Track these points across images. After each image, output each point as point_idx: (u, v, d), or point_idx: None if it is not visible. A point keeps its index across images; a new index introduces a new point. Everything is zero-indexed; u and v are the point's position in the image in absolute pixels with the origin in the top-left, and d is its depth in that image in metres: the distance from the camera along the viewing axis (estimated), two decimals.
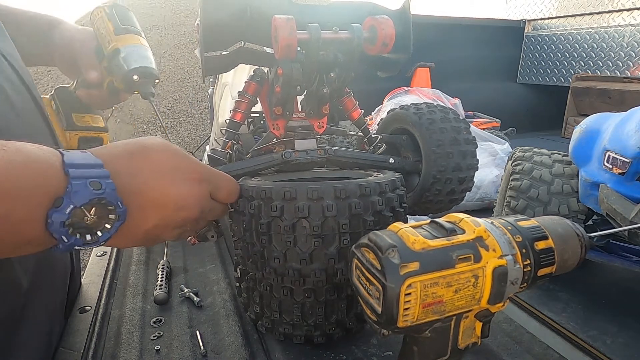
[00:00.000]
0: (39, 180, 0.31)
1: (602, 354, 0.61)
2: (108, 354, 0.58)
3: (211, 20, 0.50)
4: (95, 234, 0.34)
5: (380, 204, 0.49)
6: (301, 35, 0.46)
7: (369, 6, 0.55)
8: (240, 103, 0.60)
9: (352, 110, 0.63)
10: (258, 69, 0.60)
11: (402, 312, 0.32)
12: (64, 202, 0.32)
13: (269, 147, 0.59)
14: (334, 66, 0.50)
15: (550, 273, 0.39)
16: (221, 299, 0.71)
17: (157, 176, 0.39)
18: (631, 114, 0.76)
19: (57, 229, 0.32)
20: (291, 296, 0.53)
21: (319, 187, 0.47)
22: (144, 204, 0.38)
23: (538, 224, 0.39)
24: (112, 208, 0.35)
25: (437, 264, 0.33)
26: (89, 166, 0.34)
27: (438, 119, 0.64)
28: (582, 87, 2.21)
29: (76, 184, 0.32)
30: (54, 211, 0.31)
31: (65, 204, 0.32)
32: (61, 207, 0.31)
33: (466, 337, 0.38)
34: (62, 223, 0.32)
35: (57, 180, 0.32)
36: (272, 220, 0.48)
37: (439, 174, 0.63)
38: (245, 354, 0.57)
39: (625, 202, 0.67)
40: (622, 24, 2.15)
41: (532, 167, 0.85)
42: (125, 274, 0.81)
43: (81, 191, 0.32)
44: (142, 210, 0.38)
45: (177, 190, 0.40)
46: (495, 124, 1.99)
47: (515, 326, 0.64)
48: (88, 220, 0.33)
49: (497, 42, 2.57)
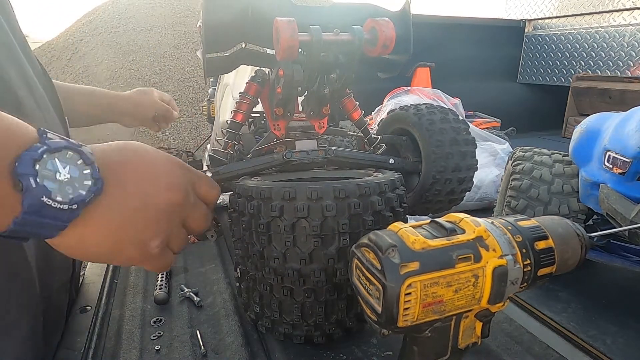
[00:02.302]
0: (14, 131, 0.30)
1: (602, 354, 0.61)
2: (108, 354, 0.58)
3: (213, 21, 0.50)
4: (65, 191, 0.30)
5: (379, 204, 0.49)
6: (302, 37, 0.46)
7: (369, 8, 0.55)
8: (241, 104, 0.60)
9: (352, 111, 0.64)
10: (259, 70, 0.60)
11: (402, 312, 0.32)
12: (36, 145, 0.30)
13: (270, 148, 0.59)
14: (335, 67, 0.50)
15: (550, 273, 0.39)
16: (221, 299, 0.71)
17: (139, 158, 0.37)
18: (631, 114, 0.76)
19: (26, 167, 0.29)
20: (291, 296, 0.53)
21: (319, 187, 0.47)
22: (125, 179, 0.35)
23: (538, 223, 0.39)
24: (88, 172, 0.31)
25: (437, 264, 0.33)
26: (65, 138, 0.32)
27: (438, 120, 0.65)
28: (583, 87, 2.21)
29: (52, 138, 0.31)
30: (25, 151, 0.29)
31: (37, 147, 0.30)
32: (32, 147, 0.29)
33: (466, 337, 0.38)
34: (33, 161, 0.29)
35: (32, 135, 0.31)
36: (271, 220, 0.48)
37: (438, 174, 0.63)
38: (245, 354, 0.57)
39: (625, 202, 0.67)
40: (623, 23, 2.15)
41: (533, 167, 0.86)
42: (126, 274, 0.81)
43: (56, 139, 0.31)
44: (122, 186, 0.34)
45: (161, 169, 0.38)
46: (495, 123, 1.99)
47: (515, 326, 0.64)
48: (60, 176, 0.30)
49: (497, 42, 2.57)
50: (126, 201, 0.35)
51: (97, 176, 0.32)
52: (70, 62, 4.90)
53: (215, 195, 0.46)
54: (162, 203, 0.37)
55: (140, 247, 0.37)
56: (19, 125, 0.31)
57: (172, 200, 0.38)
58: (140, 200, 0.36)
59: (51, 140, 0.31)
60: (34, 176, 0.29)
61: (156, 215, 0.37)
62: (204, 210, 0.44)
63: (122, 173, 0.35)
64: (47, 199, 0.29)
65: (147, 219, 0.36)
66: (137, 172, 0.36)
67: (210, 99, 1.69)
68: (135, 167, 0.37)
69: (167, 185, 0.38)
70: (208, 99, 1.73)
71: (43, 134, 0.31)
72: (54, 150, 0.30)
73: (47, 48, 5.26)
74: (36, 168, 0.29)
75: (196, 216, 0.42)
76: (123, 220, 0.35)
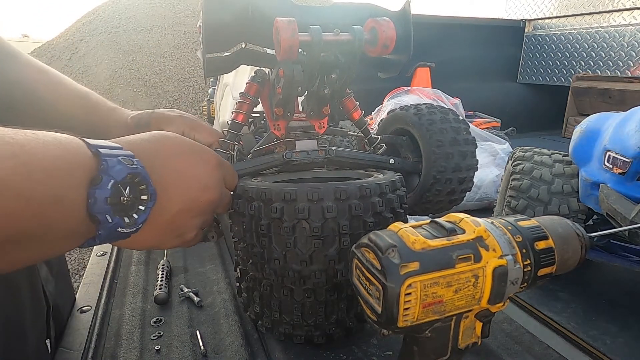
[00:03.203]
0: (75, 158, 0.30)
1: (602, 354, 0.61)
2: (108, 354, 0.59)
3: (213, 21, 0.50)
4: (132, 216, 0.33)
5: (380, 205, 0.49)
6: (303, 37, 0.46)
7: (369, 8, 0.55)
8: (241, 104, 0.60)
9: (352, 111, 0.64)
10: (259, 70, 0.60)
11: (402, 312, 0.32)
12: (104, 179, 0.30)
13: (270, 148, 0.59)
14: (335, 67, 0.50)
15: (550, 273, 0.39)
16: (221, 299, 0.71)
17: (177, 159, 0.39)
18: (631, 114, 0.76)
19: (102, 207, 0.30)
20: (291, 296, 0.53)
21: (319, 189, 0.47)
22: (168, 185, 0.37)
23: (538, 223, 0.39)
24: (144, 187, 0.34)
25: (437, 264, 0.33)
26: (112, 148, 0.33)
27: (438, 120, 0.65)
28: (583, 86, 2.21)
29: (110, 160, 0.31)
30: (95, 188, 0.30)
31: (105, 180, 0.30)
32: (101, 183, 0.30)
33: (466, 337, 0.38)
34: (106, 199, 0.30)
35: (90, 159, 0.31)
36: (272, 221, 0.48)
37: (438, 174, 0.63)
38: (245, 354, 0.57)
39: (625, 202, 0.67)
40: (623, 23, 2.15)
41: (533, 167, 0.86)
42: (126, 274, 0.81)
43: (117, 166, 0.31)
44: (166, 192, 0.37)
45: (198, 171, 0.40)
46: (495, 123, 1.99)
47: (515, 326, 0.64)
48: (124, 199, 0.32)
49: (497, 42, 2.57)
50: (170, 205, 0.38)
51: (152, 191, 0.35)
52: (70, 62, 4.90)
53: (236, 182, 0.50)
54: (201, 204, 0.41)
55: (180, 239, 0.42)
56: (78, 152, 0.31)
57: (209, 199, 0.42)
58: (183, 203, 0.39)
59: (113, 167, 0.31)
60: (109, 213, 0.31)
61: (194, 214, 0.41)
62: (229, 196, 0.49)
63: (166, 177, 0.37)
64: (120, 228, 0.32)
65: (188, 219, 0.40)
66: (178, 173, 0.39)
67: (210, 99, 1.70)
68: (176, 167, 0.39)
69: (205, 186, 0.41)
70: (208, 99, 1.73)
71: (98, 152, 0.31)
72: (120, 181, 0.32)
73: (47, 48, 5.26)
74: (108, 203, 0.31)
75: (223, 203, 0.47)
76: (167, 222, 0.38)
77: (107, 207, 0.31)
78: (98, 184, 0.30)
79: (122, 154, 0.33)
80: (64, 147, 0.30)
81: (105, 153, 0.32)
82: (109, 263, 0.84)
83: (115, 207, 0.32)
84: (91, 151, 0.31)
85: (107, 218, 0.31)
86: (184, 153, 0.40)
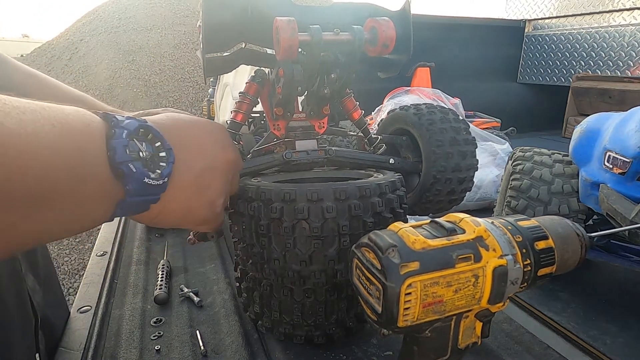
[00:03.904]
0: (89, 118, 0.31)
1: (602, 354, 0.61)
2: (108, 354, 0.59)
3: (213, 21, 0.50)
4: (156, 171, 0.33)
5: (380, 205, 0.49)
6: (302, 36, 0.46)
7: (369, 8, 0.55)
8: (241, 104, 0.60)
9: (352, 111, 0.64)
10: (259, 69, 0.60)
11: (402, 312, 0.32)
12: (117, 131, 0.31)
13: (270, 148, 0.60)
14: (335, 67, 0.50)
15: (550, 273, 0.39)
16: (221, 299, 0.71)
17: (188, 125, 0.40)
18: (631, 114, 0.76)
19: (123, 156, 0.30)
20: (291, 296, 0.53)
21: (319, 189, 0.47)
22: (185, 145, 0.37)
23: (538, 223, 0.39)
24: (159, 145, 0.34)
25: (437, 264, 0.33)
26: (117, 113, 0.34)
27: (438, 120, 0.65)
28: (583, 87, 2.21)
29: (119, 116, 0.32)
30: (112, 139, 0.30)
31: (119, 132, 0.31)
32: (116, 134, 0.31)
33: (466, 337, 0.38)
34: (124, 148, 0.30)
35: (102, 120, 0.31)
36: (271, 221, 0.48)
37: (438, 174, 0.63)
38: (245, 354, 0.57)
39: (625, 202, 0.67)
40: (623, 23, 2.16)
41: (533, 167, 0.86)
42: (126, 274, 0.81)
43: (126, 121, 0.32)
44: (185, 151, 0.37)
45: (211, 135, 0.41)
46: (495, 123, 1.99)
47: (515, 326, 0.64)
48: (143, 154, 0.32)
49: (497, 42, 2.57)
50: (194, 163, 0.38)
51: (168, 147, 0.34)
52: (70, 62, 4.90)
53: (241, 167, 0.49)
54: (223, 162, 0.41)
55: (209, 207, 0.40)
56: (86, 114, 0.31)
57: (230, 158, 0.42)
58: (205, 161, 0.39)
59: (123, 122, 0.32)
60: (132, 161, 0.31)
61: (220, 174, 0.40)
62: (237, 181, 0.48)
63: (184, 139, 0.37)
64: (147, 179, 0.32)
65: (213, 178, 0.40)
66: (195, 137, 0.39)
67: (210, 99, 1.70)
68: (191, 133, 0.39)
69: (223, 146, 0.41)
70: (208, 99, 1.73)
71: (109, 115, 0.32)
72: (133, 132, 0.32)
73: (47, 48, 5.27)
74: (128, 153, 0.31)
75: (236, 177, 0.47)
76: (194, 183, 0.38)
77: (127, 155, 0.31)
78: (113, 135, 0.31)
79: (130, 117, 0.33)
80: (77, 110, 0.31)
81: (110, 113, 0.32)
82: (109, 263, 0.84)
83: (137, 159, 0.31)
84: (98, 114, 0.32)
85: (131, 167, 0.31)
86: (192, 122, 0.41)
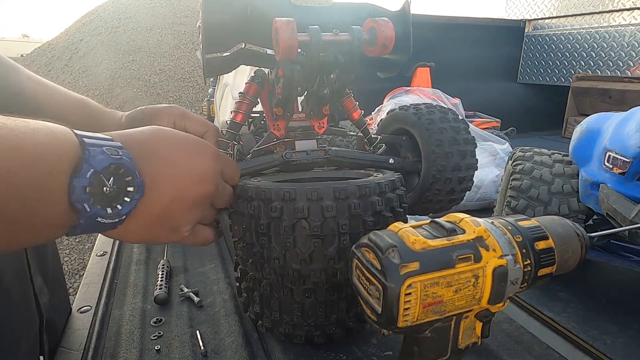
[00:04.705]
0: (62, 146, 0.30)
1: (602, 354, 0.61)
2: (108, 354, 0.59)
3: (212, 21, 0.50)
4: (115, 207, 0.33)
5: (379, 205, 0.49)
6: (302, 37, 0.46)
7: (369, 8, 0.55)
8: (241, 104, 0.60)
9: (352, 111, 0.64)
10: (259, 70, 0.60)
11: (402, 312, 0.32)
12: (84, 167, 0.31)
13: (270, 148, 0.60)
14: (335, 67, 0.50)
15: (550, 273, 0.39)
16: (221, 299, 0.71)
17: (170, 150, 0.39)
18: (631, 114, 0.76)
19: (80, 196, 0.30)
20: (291, 296, 0.53)
21: (318, 188, 0.47)
22: (159, 176, 0.37)
23: (538, 224, 0.39)
24: (130, 179, 0.34)
25: (437, 264, 0.33)
26: (101, 139, 0.33)
27: (437, 119, 0.65)
28: (583, 87, 2.21)
29: (93, 149, 0.32)
30: (75, 177, 0.30)
31: (85, 169, 0.31)
32: (81, 172, 0.31)
33: (466, 337, 0.38)
34: (84, 188, 0.31)
35: (75, 148, 0.31)
36: (271, 221, 0.48)
37: (438, 173, 0.63)
38: (245, 354, 0.57)
39: (625, 202, 0.67)
40: (623, 23, 2.16)
41: (533, 167, 0.86)
42: (126, 274, 0.81)
43: (99, 156, 0.32)
44: (157, 184, 0.37)
45: (193, 162, 0.40)
46: (495, 123, 1.99)
47: (515, 326, 0.64)
48: (107, 190, 0.32)
49: (497, 42, 2.57)
50: (161, 198, 0.37)
51: (139, 183, 0.34)
52: (70, 62, 4.90)
53: (237, 177, 0.49)
54: (193, 196, 0.40)
55: (173, 233, 0.40)
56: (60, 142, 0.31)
57: (203, 192, 0.41)
58: (174, 194, 0.38)
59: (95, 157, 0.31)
60: (87, 201, 0.31)
61: (187, 206, 0.40)
62: (229, 190, 0.47)
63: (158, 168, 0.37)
64: (100, 218, 0.32)
65: (181, 211, 0.39)
66: (171, 165, 0.38)
67: (210, 99, 1.70)
68: (170, 157, 0.38)
69: (199, 179, 0.40)
70: (208, 99, 1.73)
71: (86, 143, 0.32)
72: (100, 170, 0.32)
73: (47, 48, 5.27)
74: (87, 192, 0.31)
75: (223, 197, 0.46)
76: (159, 214, 0.38)
77: (85, 196, 0.31)
78: (78, 172, 0.31)
79: (108, 145, 0.33)
80: (53, 134, 0.31)
81: (89, 142, 0.32)
82: (109, 263, 0.84)
83: (97, 196, 0.32)
84: (78, 140, 0.32)
85: (85, 207, 0.31)
86: (177, 144, 0.40)
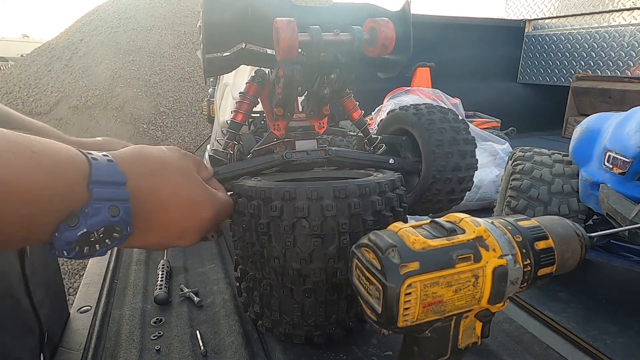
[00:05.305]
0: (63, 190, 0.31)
1: (602, 354, 0.61)
2: (108, 354, 0.59)
3: (213, 22, 0.50)
4: (94, 247, 0.34)
5: (379, 204, 0.49)
6: (302, 37, 0.46)
7: (369, 8, 0.55)
8: (241, 104, 0.60)
9: (352, 111, 0.64)
10: (259, 70, 0.60)
11: (402, 312, 0.32)
12: (79, 222, 0.31)
13: (270, 148, 0.60)
14: (335, 67, 0.50)
15: (550, 273, 0.39)
16: (221, 299, 0.71)
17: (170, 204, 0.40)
18: (631, 114, 0.76)
19: (62, 245, 0.31)
20: (291, 296, 0.53)
21: (318, 187, 0.47)
22: (150, 227, 0.38)
23: (538, 223, 0.39)
24: (120, 229, 0.34)
25: (437, 264, 0.33)
26: (112, 184, 0.34)
27: (437, 120, 0.65)
28: (583, 87, 2.21)
29: (96, 207, 0.32)
30: (66, 228, 0.31)
31: (80, 225, 0.31)
32: (74, 226, 0.31)
33: (466, 337, 0.38)
34: (69, 243, 0.31)
35: (80, 194, 0.31)
36: (271, 220, 0.48)
37: (438, 173, 0.63)
38: (245, 354, 0.57)
39: (625, 202, 0.67)
40: (623, 23, 2.15)
41: (533, 167, 0.86)
42: (126, 274, 0.81)
43: (97, 216, 0.32)
44: (145, 232, 0.38)
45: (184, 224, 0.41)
46: (495, 123, 1.99)
47: (515, 326, 0.64)
48: (92, 238, 0.33)
49: (497, 42, 2.57)
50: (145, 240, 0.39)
51: (126, 234, 0.35)
52: (70, 62, 4.90)
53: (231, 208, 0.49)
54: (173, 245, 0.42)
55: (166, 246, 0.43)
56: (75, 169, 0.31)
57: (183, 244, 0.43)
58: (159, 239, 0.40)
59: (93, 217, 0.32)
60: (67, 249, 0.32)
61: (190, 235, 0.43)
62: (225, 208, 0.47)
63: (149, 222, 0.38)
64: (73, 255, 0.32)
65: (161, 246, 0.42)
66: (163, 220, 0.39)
67: (210, 99, 1.69)
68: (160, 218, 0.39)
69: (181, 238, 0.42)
70: (208, 99, 1.73)
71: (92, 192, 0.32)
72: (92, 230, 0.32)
73: (47, 48, 5.26)
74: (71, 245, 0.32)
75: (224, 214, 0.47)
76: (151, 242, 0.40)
77: (67, 246, 0.31)
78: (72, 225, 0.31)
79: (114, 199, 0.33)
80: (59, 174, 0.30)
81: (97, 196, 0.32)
82: (109, 263, 0.84)
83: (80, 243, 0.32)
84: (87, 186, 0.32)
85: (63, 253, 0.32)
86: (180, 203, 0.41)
